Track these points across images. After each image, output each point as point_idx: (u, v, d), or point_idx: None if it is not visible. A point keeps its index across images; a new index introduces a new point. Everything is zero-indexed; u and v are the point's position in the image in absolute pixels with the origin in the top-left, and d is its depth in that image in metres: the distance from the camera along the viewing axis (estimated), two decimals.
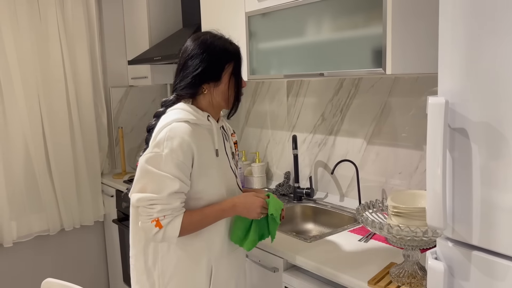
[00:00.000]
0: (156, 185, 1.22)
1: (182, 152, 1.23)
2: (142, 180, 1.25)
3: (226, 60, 1.30)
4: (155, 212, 1.22)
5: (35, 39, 2.51)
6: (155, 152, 1.23)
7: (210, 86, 1.31)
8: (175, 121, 1.26)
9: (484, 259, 0.90)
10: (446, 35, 0.91)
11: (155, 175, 1.22)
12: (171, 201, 1.23)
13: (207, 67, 1.28)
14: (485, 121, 0.86)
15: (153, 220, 1.22)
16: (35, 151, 2.53)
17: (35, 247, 2.67)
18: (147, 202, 1.22)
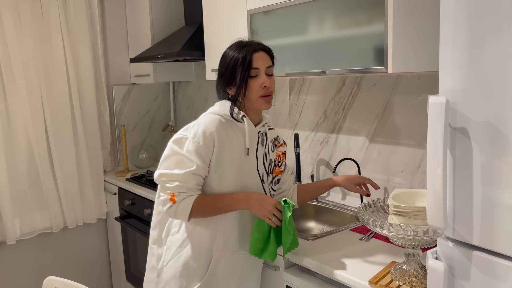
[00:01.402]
0: (176, 163, 1.35)
1: (204, 138, 1.34)
2: (166, 158, 1.38)
3: (235, 64, 1.36)
4: (172, 187, 1.33)
5: (38, 37, 2.52)
6: (182, 134, 1.38)
7: (232, 89, 1.40)
8: (212, 113, 1.40)
9: (484, 259, 0.89)
10: (447, 33, 0.90)
11: (178, 154, 1.35)
12: (187, 179, 1.33)
13: (223, 74, 1.40)
14: (486, 121, 0.86)
15: (169, 194, 1.34)
16: (38, 149, 2.53)
17: (38, 244, 2.68)
18: (166, 177, 1.35)
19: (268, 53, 1.41)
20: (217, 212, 1.38)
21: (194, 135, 1.34)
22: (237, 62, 1.36)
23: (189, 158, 1.33)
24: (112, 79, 2.94)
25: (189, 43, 2.33)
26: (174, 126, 3.24)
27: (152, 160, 3.04)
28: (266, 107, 1.41)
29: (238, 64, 1.36)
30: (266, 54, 1.40)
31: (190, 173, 1.33)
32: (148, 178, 2.58)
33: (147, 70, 2.80)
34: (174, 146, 1.37)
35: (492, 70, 0.84)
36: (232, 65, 1.37)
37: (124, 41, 2.97)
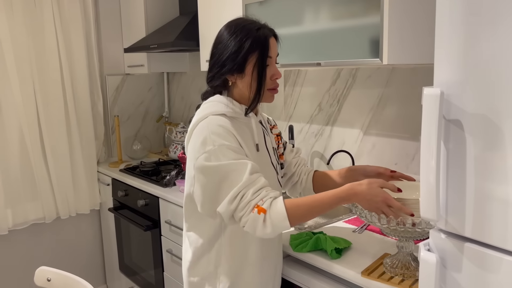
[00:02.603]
0: (229, 178, 1.10)
1: (232, 138, 1.15)
2: (211, 185, 1.13)
3: (249, 50, 1.17)
4: (250, 199, 1.09)
5: (30, 26, 2.48)
6: (207, 151, 1.13)
7: (235, 77, 1.21)
8: (211, 114, 1.19)
9: (476, 251, 0.89)
10: (443, 25, 0.90)
11: (221, 169, 1.11)
12: (255, 180, 1.11)
13: (228, 58, 1.18)
14: (481, 113, 0.85)
15: (253, 209, 1.09)
16: (30, 139, 2.51)
17: (30, 235, 2.67)
18: (235, 199, 1.10)
19: (276, 38, 1.26)
20: (317, 213, 1.15)
21: (222, 140, 1.13)
22: (253, 47, 1.17)
23: (236, 162, 1.11)
24: (105, 69, 2.92)
25: (183, 33, 2.31)
26: (168, 117, 3.22)
27: (146, 151, 3.03)
28: (270, 100, 1.28)
29: (253, 49, 1.17)
30: (275, 39, 1.25)
31: (252, 174, 1.11)
32: (142, 169, 2.57)
33: (141, 60, 2.78)
34: (208, 167, 1.12)
35: (488, 62, 0.84)
36: (246, 49, 1.16)
37: (118, 31, 2.94)
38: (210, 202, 1.15)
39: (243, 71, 1.19)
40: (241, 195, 1.10)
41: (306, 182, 1.47)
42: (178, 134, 2.79)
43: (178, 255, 2.12)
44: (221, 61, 1.19)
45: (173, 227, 2.12)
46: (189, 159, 1.21)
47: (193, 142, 1.18)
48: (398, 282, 1.19)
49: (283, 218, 1.09)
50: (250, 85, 1.21)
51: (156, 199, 2.24)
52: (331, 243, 1.37)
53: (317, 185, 1.46)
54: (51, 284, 1.42)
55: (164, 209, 2.20)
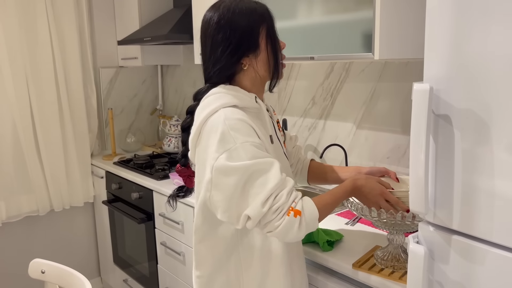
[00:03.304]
0: (256, 178, 0.99)
1: (253, 133, 1.04)
2: (234, 188, 1.00)
3: (258, 23, 1.09)
4: (284, 201, 0.99)
5: (22, 18, 2.46)
6: (227, 149, 1.00)
7: (250, 59, 1.10)
8: (222, 106, 1.05)
9: (463, 243, 0.91)
10: (433, 21, 0.91)
11: (247, 169, 0.99)
12: (286, 180, 1.02)
13: (241, 38, 1.07)
14: (469, 108, 0.87)
15: (288, 212, 0.99)
16: (23, 132, 2.51)
17: (24, 227, 2.67)
18: (267, 201, 0.98)
19: None
20: (334, 207, 1.11)
21: (244, 137, 1.01)
22: (262, 17, 1.08)
23: (262, 160, 1.00)
24: (99, 62, 2.90)
25: (177, 26, 2.31)
26: (162, 110, 3.22)
27: (140, 144, 3.03)
28: (282, 76, 1.18)
29: (262, 19, 1.08)
30: None
31: (280, 171, 1.01)
32: (135, 162, 2.58)
33: (135, 53, 2.77)
34: (231, 168, 0.99)
35: (476, 58, 0.85)
36: (256, 21, 1.07)
37: (112, 23, 2.93)
38: (235, 206, 1.01)
39: (258, 47, 1.10)
40: (274, 197, 0.99)
41: (301, 172, 1.43)
42: (172, 127, 2.79)
43: (172, 248, 2.14)
44: (232, 46, 1.07)
45: (167, 220, 2.13)
46: (201, 161, 1.08)
47: (206, 141, 1.05)
48: (388, 274, 1.21)
49: (315, 218, 1.03)
50: (265, 62, 1.12)
51: (150, 192, 2.25)
52: (323, 235, 1.38)
53: (312, 175, 1.43)
54: (45, 276, 1.43)
55: (158, 202, 2.21)
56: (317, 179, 1.43)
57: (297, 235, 1.01)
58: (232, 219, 1.03)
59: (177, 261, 2.13)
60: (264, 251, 1.15)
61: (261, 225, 1.02)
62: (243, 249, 1.15)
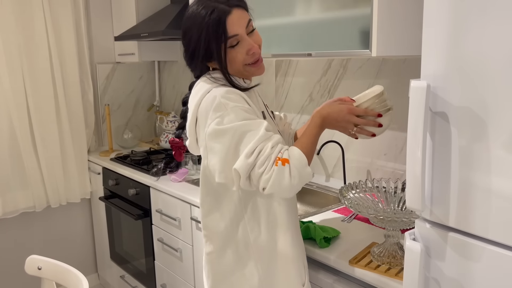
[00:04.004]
0: (246, 137, 1.03)
1: (243, 101, 1.09)
2: (226, 149, 1.04)
3: (206, 37, 1.09)
4: (269, 153, 1.02)
5: (19, 13, 2.45)
6: (219, 115, 1.05)
7: (212, 64, 1.16)
8: (212, 87, 1.10)
9: (459, 240, 0.92)
10: (431, 18, 0.91)
11: (237, 130, 1.03)
12: (271, 135, 1.05)
13: (194, 52, 1.13)
14: (466, 106, 0.87)
15: (276, 162, 1.01)
16: (20, 127, 2.50)
17: (21, 223, 2.67)
18: (252, 153, 1.01)
19: (242, 7, 1.13)
20: (314, 148, 1.12)
21: (234, 102, 1.06)
22: (209, 35, 1.08)
23: (251, 121, 1.05)
24: (96, 58, 2.89)
25: (174, 22, 2.30)
26: (159, 106, 3.21)
27: (137, 140, 3.02)
28: (260, 73, 1.18)
29: (210, 37, 1.08)
30: (240, 9, 1.12)
31: (266, 128, 1.04)
32: (132, 158, 2.57)
33: (132, 49, 2.76)
34: (221, 130, 1.04)
35: (474, 56, 0.85)
36: (204, 38, 1.08)
37: (108, 19, 2.91)
38: (228, 166, 1.05)
39: (211, 57, 1.12)
40: (259, 150, 1.02)
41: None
42: (169, 123, 2.78)
43: (169, 244, 2.14)
44: (191, 53, 1.14)
45: (164, 216, 2.13)
46: (201, 138, 1.13)
47: (203, 117, 1.09)
48: (385, 271, 1.22)
49: (304, 163, 1.04)
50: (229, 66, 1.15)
51: (147, 188, 2.25)
52: (320, 232, 1.39)
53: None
54: (41, 273, 1.43)
55: (155, 198, 2.21)
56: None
57: (291, 184, 1.02)
58: (228, 179, 1.07)
59: (174, 257, 2.14)
60: (269, 219, 1.17)
61: (254, 182, 1.04)
62: (248, 219, 1.16)
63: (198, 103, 1.11)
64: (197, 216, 1.91)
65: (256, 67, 1.17)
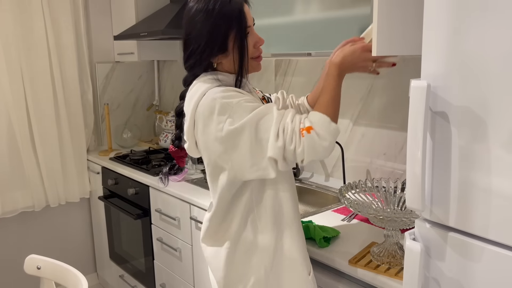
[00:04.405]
0: (262, 125, 1.04)
1: (242, 94, 1.10)
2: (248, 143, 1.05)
3: (227, 28, 1.11)
4: (292, 127, 1.04)
5: (18, 12, 2.44)
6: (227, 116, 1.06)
7: (218, 58, 1.16)
8: (207, 89, 1.11)
9: (459, 240, 0.92)
10: (431, 17, 0.90)
11: (251, 122, 1.04)
12: (284, 112, 1.07)
13: (208, 42, 1.12)
14: (466, 105, 0.87)
15: (301, 134, 1.03)
16: (19, 127, 2.49)
17: (20, 223, 2.66)
18: (278, 136, 1.03)
19: (248, 2, 1.18)
20: (338, 102, 1.12)
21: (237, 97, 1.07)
22: (230, 23, 1.10)
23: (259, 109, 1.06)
24: (95, 57, 2.89)
25: (174, 21, 2.30)
26: (159, 106, 3.21)
27: (136, 140, 3.02)
28: (259, 69, 1.22)
29: (231, 25, 1.10)
30: (247, 4, 1.17)
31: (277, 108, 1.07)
32: (132, 157, 2.57)
33: (131, 48, 2.75)
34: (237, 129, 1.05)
35: (474, 55, 0.85)
36: (224, 27, 1.10)
37: (108, 18, 2.91)
38: (258, 157, 1.06)
39: (226, 49, 1.14)
40: (281, 129, 1.04)
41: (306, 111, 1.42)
42: (169, 122, 2.78)
43: (168, 244, 2.13)
44: (200, 47, 1.13)
45: (164, 215, 2.13)
46: (205, 145, 1.13)
47: (202, 123, 1.10)
48: (384, 270, 1.22)
49: (328, 121, 1.06)
50: (233, 61, 1.16)
51: (146, 187, 2.24)
52: (319, 232, 1.39)
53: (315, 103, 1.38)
54: (41, 272, 1.43)
55: (154, 197, 2.20)
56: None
57: (324, 146, 1.04)
58: (261, 170, 1.07)
59: (173, 257, 2.14)
60: (276, 212, 1.18)
61: (290, 159, 1.05)
62: (257, 214, 1.18)
63: (195, 107, 1.12)
64: (197, 215, 1.91)
65: (258, 62, 1.21)
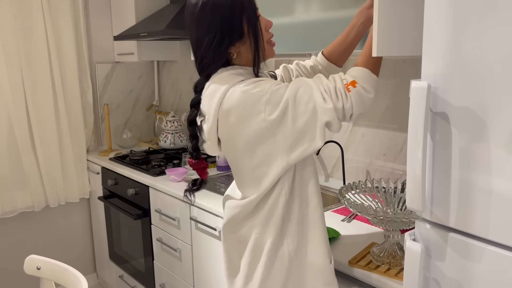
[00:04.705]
0: (302, 98, 1.04)
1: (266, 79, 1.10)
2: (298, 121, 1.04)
3: (239, 11, 1.10)
4: (334, 86, 1.05)
5: (18, 12, 2.44)
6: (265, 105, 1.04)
7: (237, 47, 1.13)
8: (230, 86, 1.08)
9: (460, 241, 0.92)
10: (431, 18, 0.91)
11: (289, 102, 1.04)
12: (316, 76, 1.10)
13: (225, 29, 1.09)
14: (466, 106, 0.87)
15: (347, 89, 1.05)
16: (18, 127, 2.49)
17: (19, 223, 2.66)
18: (324, 99, 1.03)
19: None
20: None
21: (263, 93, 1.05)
22: (241, 4, 1.09)
23: (292, 86, 1.06)
24: (95, 57, 2.89)
25: (174, 22, 2.30)
26: (158, 106, 3.21)
27: (136, 140, 3.02)
28: (274, 54, 1.21)
29: (243, 6, 1.09)
30: None
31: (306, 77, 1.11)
32: (131, 158, 2.57)
33: (131, 49, 2.75)
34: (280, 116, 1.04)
35: (474, 56, 0.85)
36: (237, 10, 1.08)
37: (108, 18, 2.91)
38: (306, 131, 1.06)
39: (243, 35, 1.12)
40: (325, 92, 1.05)
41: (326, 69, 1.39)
42: (169, 123, 2.78)
43: (168, 244, 2.13)
44: (217, 38, 1.10)
45: (163, 216, 2.13)
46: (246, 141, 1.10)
47: (238, 118, 1.07)
48: (384, 271, 1.22)
49: (368, 74, 1.09)
50: (250, 46, 1.14)
51: (146, 188, 2.24)
52: None
53: (334, 57, 1.37)
54: (40, 273, 1.43)
55: (154, 198, 2.20)
56: (342, 55, 1.37)
57: (370, 97, 1.08)
58: (319, 135, 1.06)
59: (173, 257, 2.13)
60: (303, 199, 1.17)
61: (342, 117, 1.07)
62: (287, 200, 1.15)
63: (218, 105, 1.09)
64: (196, 216, 1.91)
65: (271, 47, 1.20)
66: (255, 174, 1.15)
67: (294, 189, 1.16)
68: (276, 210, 1.15)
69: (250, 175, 1.16)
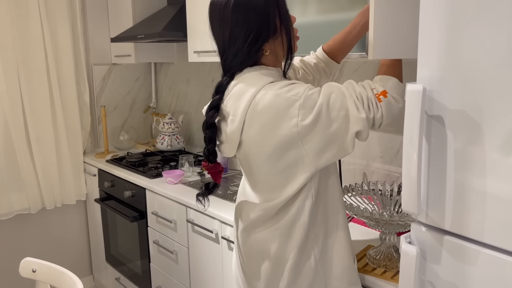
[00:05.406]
0: (335, 104, 1.03)
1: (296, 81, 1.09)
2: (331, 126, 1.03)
3: (274, 6, 1.09)
4: (366, 95, 1.05)
5: (15, 14, 2.44)
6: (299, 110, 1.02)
7: (270, 43, 1.11)
8: (261, 86, 1.07)
9: (455, 243, 0.92)
10: (427, 21, 0.91)
11: (323, 107, 1.02)
12: (347, 83, 1.10)
13: (260, 24, 1.07)
14: (461, 109, 0.87)
15: (378, 99, 1.06)
16: (15, 129, 2.48)
17: (15, 225, 2.65)
18: (357, 108, 1.03)
19: None
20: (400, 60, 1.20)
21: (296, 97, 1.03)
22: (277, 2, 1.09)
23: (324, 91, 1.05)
24: (92, 59, 2.89)
25: (171, 24, 2.30)
26: (156, 108, 3.21)
27: (133, 142, 3.01)
28: (297, 49, 1.21)
29: (277, 0, 1.09)
30: None
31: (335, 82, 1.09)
32: (128, 160, 2.57)
33: (128, 50, 2.75)
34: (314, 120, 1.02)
35: (469, 59, 0.85)
36: (272, 4, 1.08)
37: (105, 20, 2.91)
38: (337, 138, 1.05)
39: (277, 30, 1.10)
40: (356, 100, 1.04)
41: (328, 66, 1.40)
42: (166, 125, 2.78)
43: (165, 246, 2.13)
44: (252, 35, 1.07)
45: (160, 218, 2.12)
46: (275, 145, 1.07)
47: (270, 122, 1.05)
48: (380, 273, 1.22)
49: (397, 83, 1.10)
50: (282, 42, 1.13)
51: (143, 190, 2.24)
52: None
53: (334, 53, 1.38)
54: (36, 275, 1.42)
55: (151, 200, 2.20)
56: (341, 52, 1.38)
57: (399, 107, 1.08)
58: (350, 143, 1.07)
59: (169, 259, 2.13)
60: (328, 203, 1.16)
61: (372, 126, 1.08)
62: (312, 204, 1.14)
63: (246, 107, 1.07)
64: (193, 218, 1.90)
65: (297, 41, 1.20)
66: (280, 178, 1.13)
67: (320, 193, 1.15)
68: (302, 214, 1.13)
69: (274, 179, 1.14)
